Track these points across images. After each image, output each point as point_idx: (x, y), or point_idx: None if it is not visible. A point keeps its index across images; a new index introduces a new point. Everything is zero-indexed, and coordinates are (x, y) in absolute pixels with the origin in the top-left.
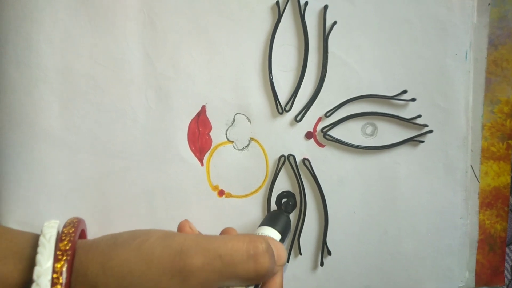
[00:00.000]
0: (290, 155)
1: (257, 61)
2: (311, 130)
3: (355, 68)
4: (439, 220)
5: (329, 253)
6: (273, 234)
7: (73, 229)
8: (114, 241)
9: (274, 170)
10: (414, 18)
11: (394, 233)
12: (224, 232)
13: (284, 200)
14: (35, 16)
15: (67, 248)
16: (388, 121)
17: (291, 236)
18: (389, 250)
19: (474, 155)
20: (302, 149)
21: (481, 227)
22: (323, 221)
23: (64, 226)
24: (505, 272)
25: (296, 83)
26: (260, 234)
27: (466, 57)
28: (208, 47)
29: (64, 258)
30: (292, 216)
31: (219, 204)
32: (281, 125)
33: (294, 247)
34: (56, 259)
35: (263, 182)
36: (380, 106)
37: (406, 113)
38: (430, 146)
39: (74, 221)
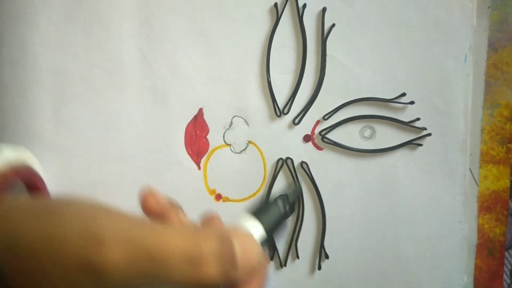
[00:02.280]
0: (288, 158)
1: (255, 64)
2: (309, 133)
3: (353, 71)
4: (438, 224)
5: (327, 256)
6: (253, 228)
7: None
8: (25, 219)
9: (272, 174)
10: (414, 21)
11: (393, 237)
12: (205, 218)
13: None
14: (30, 17)
15: None
16: (387, 124)
17: (289, 239)
18: (388, 254)
19: (473, 159)
20: (300, 152)
21: (480, 231)
22: (321, 225)
23: None
24: (504, 276)
25: (294, 86)
26: (233, 226)
27: (465, 60)
28: (206, 49)
29: None
30: (290, 220)
31: (217, 208)
32: (279, 128)
33: (292, 250)
34: None
35: (261, 186)
36: (379, 109)
37: (405, 116)
38: (428, 150)
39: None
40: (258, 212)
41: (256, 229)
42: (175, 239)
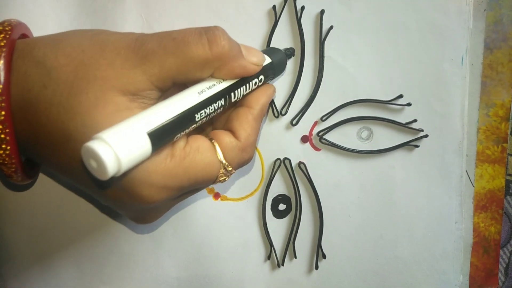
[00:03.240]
0: (285, 158)
1: None
2: (307, 134)
3: (351, 73)
4: (434, 225)
5: (324, 256)
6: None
7: (9, 27)
8: (65, 33)
9: (270, 174)
10: (411, 23)
11: (390, 237)
12: None
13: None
14: (41, 24)
15: (2, 44)
16: (384, 125)
17: (286, 239)
18: (385, 254)
19: (469, 160)
20: (298, 152)
21: (476, 229)
22: (318, 225)
23: (0, 24)
24: (499, 274)
25: (292, 87)
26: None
27: (462, 62)
28: None
29: None
30: (287, 220)
31: (214, 207)
32: (277, 128)
33: (289, 250)
34: None
35: (259, 186)
36: (376, 111)
37: (402, 118)
38: (425, 151)
39: (12, 20)
40: (265, 51)
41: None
42: (192, 28)
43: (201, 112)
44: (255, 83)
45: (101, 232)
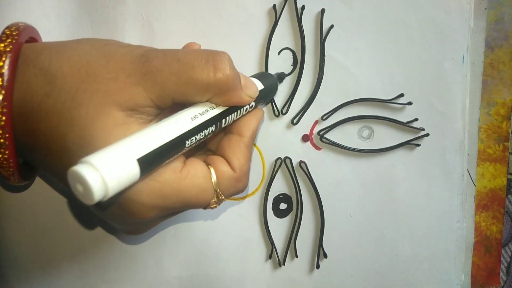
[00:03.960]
0: (286, 157)
1: (254, 64)
2: (308, 133)
3: (352, 72)
4: (436, 224)
5: (325, 256)
6: (254, 81)
7: (17, 31)
8: (73, 41)
9: (271, 173)
10: (412, 22)
11: (391, 236)
12: (187, 46)
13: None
14: (43, 22)
15: (8, 49)
16: (385, 124)
17: (287, 238)
18: (386, 253)
19: (470, 159)
20: (299, 151)
21: (477, 229)
22: (320, 224)
23: (7, 28)
24: (501, 273)
25: (293, 86)
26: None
27: (463, 61)
28: None
29: (3, 59)
30: (288, 219)
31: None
32: (278, 128)
33: (290, 249)
34: None
35: (260, 185)
36: (377, 110)
37: (403, 117)
38: (426, 150)
39: (20, 24)
40: (258, 76)
41: (256, 82)
42: (198, 51)
43: (192, 138)
44: (246, 109)
45: (103, 231)
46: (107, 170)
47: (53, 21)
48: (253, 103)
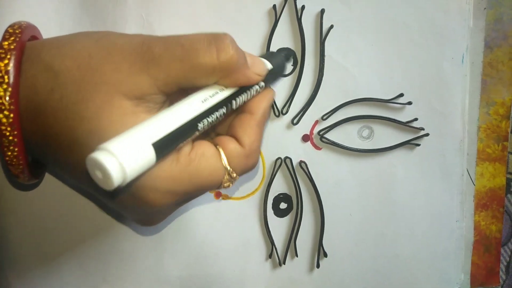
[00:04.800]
0: (286, 157)
1: None
2: (308, 133)
3: (352, 72)
4: (435, 223)
5: (325, 255)
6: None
7: (19, 30)
8: (72, 35)
9: (271, 173)
10: (412, 22)
11: (391, 235)
12: None
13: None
14: (44, 22)
15: (12, 47)
16: (385, 124)
17: (288, 238)
18: (386, 252)
19: (470, 158)
20: (299, 151)
21: (477, 228)
22: (320, 223)
23: (9, 26)
24: (500, 272)
25: (293, 86)
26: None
27: (462, 61)
28: None
29: (8, 56)
30: (288, 219)
31: (216, 206)
32: (278, 128)
33: (290, 249)
34: None
35: (260, 185)
36: (377, 109)
37: (403, 117)
38: (426, 150)
39: (22, 23)
40: (266, 55)
41: (264, 61)
42: (200, 34)
43: (203, 121)
44: (256, 90)
45: (104, 231)
46: (125, 155)
47: (53, 21)
48: (262, 84)
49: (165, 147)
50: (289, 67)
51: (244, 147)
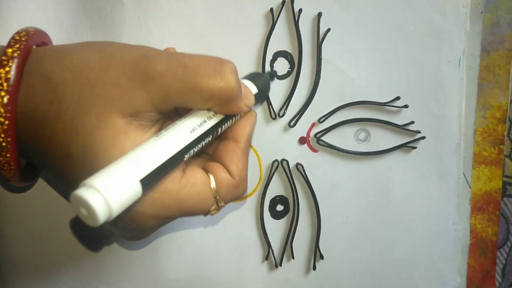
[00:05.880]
0: (283, 160)
1: (251, 67)
2: (305, 136)
3: (348, 75)
4: (432, 226)
5: (322, 257)
6: (249, 85)
7: (26, 37)
8: (75, 45)
9: (268, 175)
10: (409, 26)
11: (387, 238)
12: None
13: (269, 70)
14: (43, 24)
15: (15, 55)
16: (381, 127)
17: (284, 240)
18: (382, 255)
19: (466, 162)
20: (296, 154)
21: (473, 231)
22: (316, 226)
23: (16, 33)
24: (496, 275)
25: (290, 89)
26: None
27: (459, 64)
28: (203, 52)
29: (10, 64)
30: (285, 221)
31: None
32: (275, 130)
33: (287, 251)
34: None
35: (257, 187)
36: (373, 112)
37: (399, 120)
38: (423, 152)
39: (30, 29)
40: (251, 77)
41: (251, 86)
42: (206, 58)
43: (190, 151)
44: (240, 115)
45: (101, 233)
46: (110, 192)
47: (52, 24)
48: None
49: (152, 180)
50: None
51: (234, 177)
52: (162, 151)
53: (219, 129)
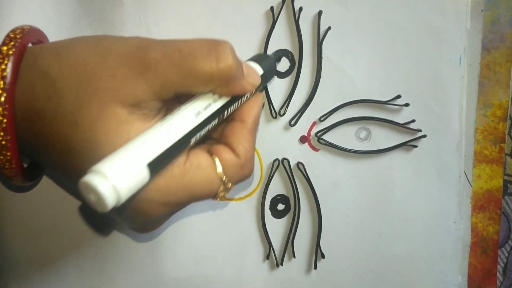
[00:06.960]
0: (284, 159)
1: None
2: (305, 134)
3: (349, 73)
4: (433, 224)
5: (323, 256)
6: (253, 65)
7: (21, 35)
8: (70, 40)
9: (268, 174)
10: (409, 24)
11: (388, 237)
12: None
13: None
14: (43, 24)
15: (10, 53)
16: (382, 125)
17: (285, 239)
18: (383, 253)
19: (467, 160)
20: (296, 153)
21: (474, 230)
22: (317, 225)
23: (11, 31)
24: (497, 274)
25: (291, 88)
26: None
27: (460, 63)
28: None
29: (6, 62)
30: (286, 220)
31: (213, 207)
32: (276, 129)
33: (288, 250)
34: None
35: (257, 186)
36: (374, 111)
37: (400, 118)
38: (423, 151)
39: (25, 27)
40: (256, 58)
41: (256, 67)
42: (199, 40)
43: (196, 135)
44: (247, 96)
45: (101, 232)
46: (118, 178)
47: (52, 23)
48: (253, 90)
49: (159, 165)
50: (280, 66)
51: (239, 157)
52: (168, 134)
53: (225, 112)
